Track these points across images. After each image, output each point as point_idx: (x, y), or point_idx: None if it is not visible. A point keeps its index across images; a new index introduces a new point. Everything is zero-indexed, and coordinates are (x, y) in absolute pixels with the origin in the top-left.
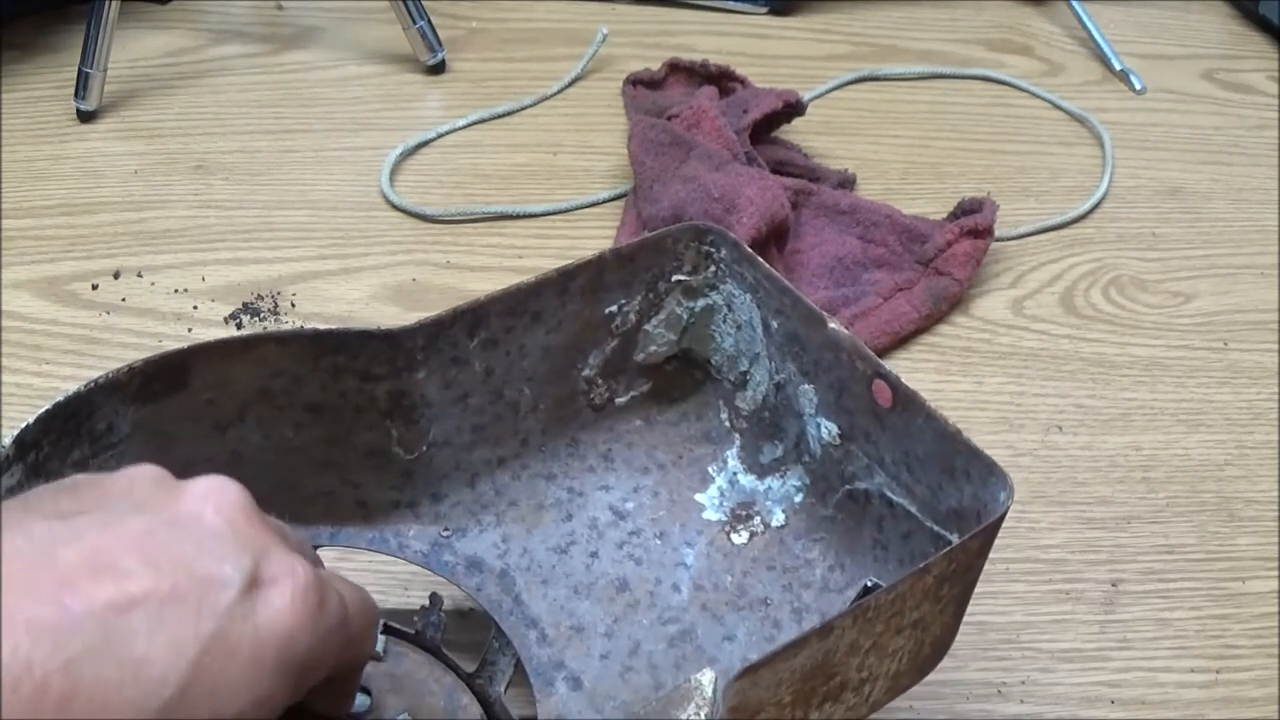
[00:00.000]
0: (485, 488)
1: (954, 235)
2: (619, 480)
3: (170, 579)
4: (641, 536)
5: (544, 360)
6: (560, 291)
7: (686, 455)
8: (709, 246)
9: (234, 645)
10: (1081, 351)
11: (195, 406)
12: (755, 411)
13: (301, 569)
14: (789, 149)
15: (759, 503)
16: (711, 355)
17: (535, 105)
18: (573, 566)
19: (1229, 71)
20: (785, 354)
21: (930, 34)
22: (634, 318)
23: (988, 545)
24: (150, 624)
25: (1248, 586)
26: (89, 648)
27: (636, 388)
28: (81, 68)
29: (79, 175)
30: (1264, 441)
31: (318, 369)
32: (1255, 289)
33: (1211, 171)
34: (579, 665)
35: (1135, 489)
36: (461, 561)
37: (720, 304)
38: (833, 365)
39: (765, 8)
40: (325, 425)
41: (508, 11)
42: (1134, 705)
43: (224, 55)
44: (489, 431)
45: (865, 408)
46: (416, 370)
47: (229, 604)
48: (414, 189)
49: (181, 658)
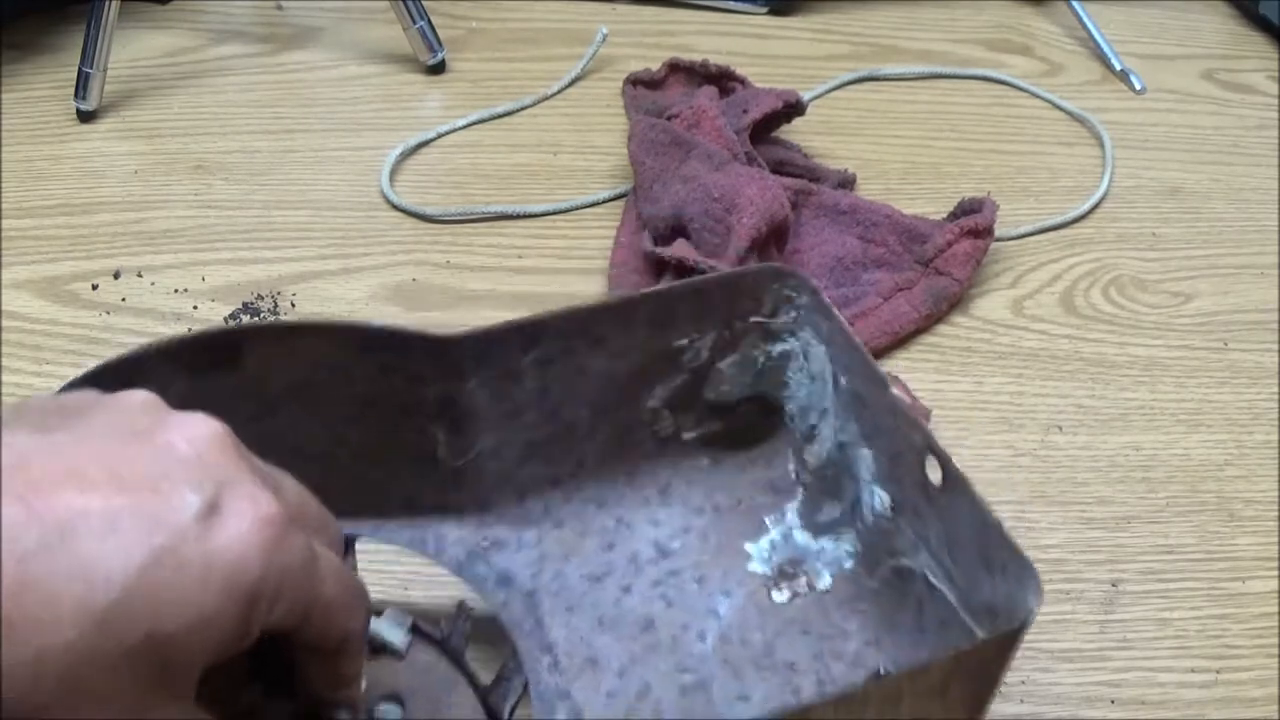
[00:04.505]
0: (534, 505)
1: (954, 235)
2: (670, 517)
3: (132, 495)
4: (679, 578)
5: (607, 386)
6: (624, 318)
7: (746, 501)
8: (790, 291)
9: (183, 561)
10: (1081, 351)
11: (244, 386)
12: (820, 468)
13: (266, 503)
14: (789, 149)
15: (809, 562)
16: (786, 403)
17: (535, 105)
18: (602, 597)
19: (1229, 71)
20: (850, 413)
21: (930, 34)
22: (706, 354)
23: (1006, 649)
24: (105, 531)
25: (1248, 586)
26: (44, 545)
27: (706, 425)
28: (81, 68)
29: (79, 175)
30: (1264, 441)
31: (364, 363)
32: (1255, 289)
33: (1211, 171)
34: (584, 698)
35: (1135, 489)
36: (494, 575)
37: (798, 351)
38: (891, 433)
39: (765, 8)
40: (374, 420)
41: (508, 11)
42: (1134, 705)
43: (224, 55)
44: (543, 450)
45: (916, 482)
46: (466, 379)
47: (184, 522)
48: (414, 189)
49: (129, 564)
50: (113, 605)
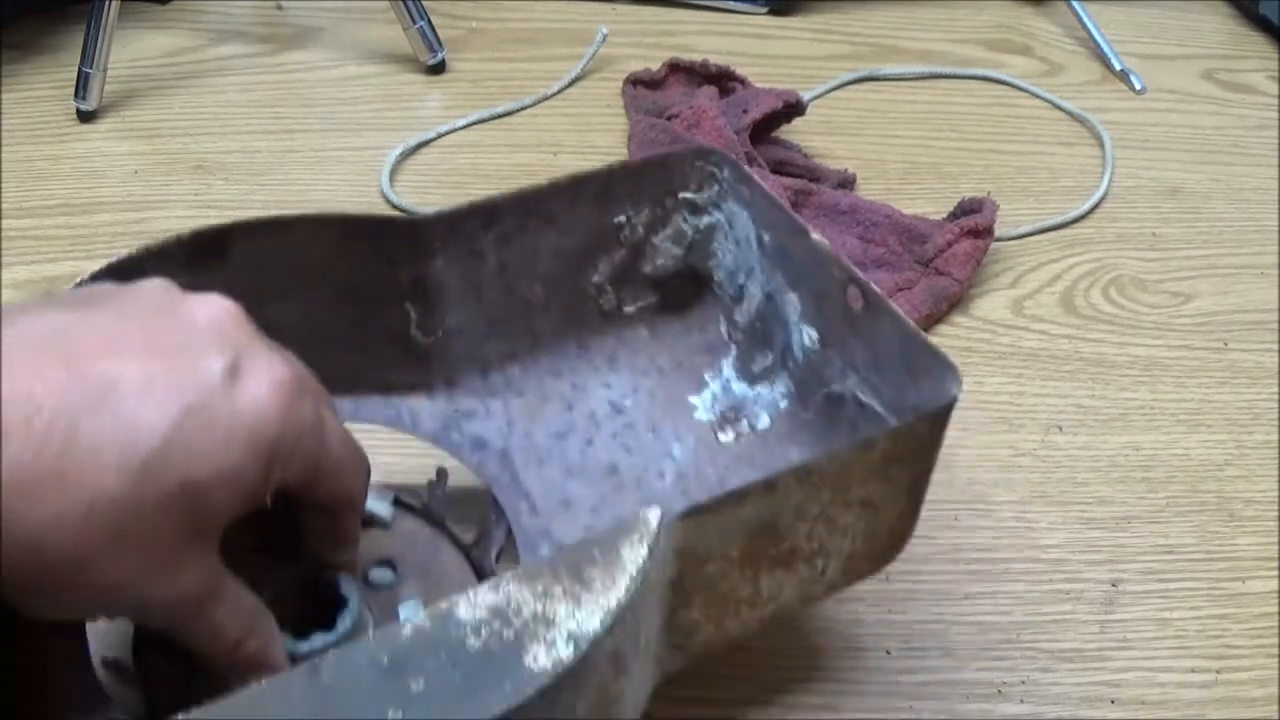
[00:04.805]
0: (496, 379)
1: (954, 235)
2: (620, 381)
3: (163, 360)
4: (635, 429)
5: (555, 262)
6: (571, 196)
7: (686, 363)
8: (712, 167)
9: (212, 417)
10: (1081, 351)
11: (237, 280)
12: (750, 323)
13: (280, 367)
14: (789, 149)
15: (747, 408)
16: (715, 272)
17: (535, 105)
18: (568, 450)
19: (1229, 71)
20: (775, 265)
21: (930, 34)
22: (642, 230)
23: (937, 433)
24: (142, 392)
25: (1248, 586)
26: (87, 405)
27: (645, 299)
28: (81, 68)
29: (79, 175)
30: (1264, 441)
31: (346, 252)
32: (1255, 289)
33: (1211, 171)
34: (563, 535)
35: (1135, 489)
36: (467, 440)
37: (722, 222)
38: (814, 274)
39: (765, 8)
40: (353, 306)
41: (508, 11)
42: (1134, 705)
43: (224, 55)
44: (502, 326)
45: (840, 314)
46: (434, 257)
47: (211, 383)
48: (414, 189)
49: (165, 419)
50: (151, 455)
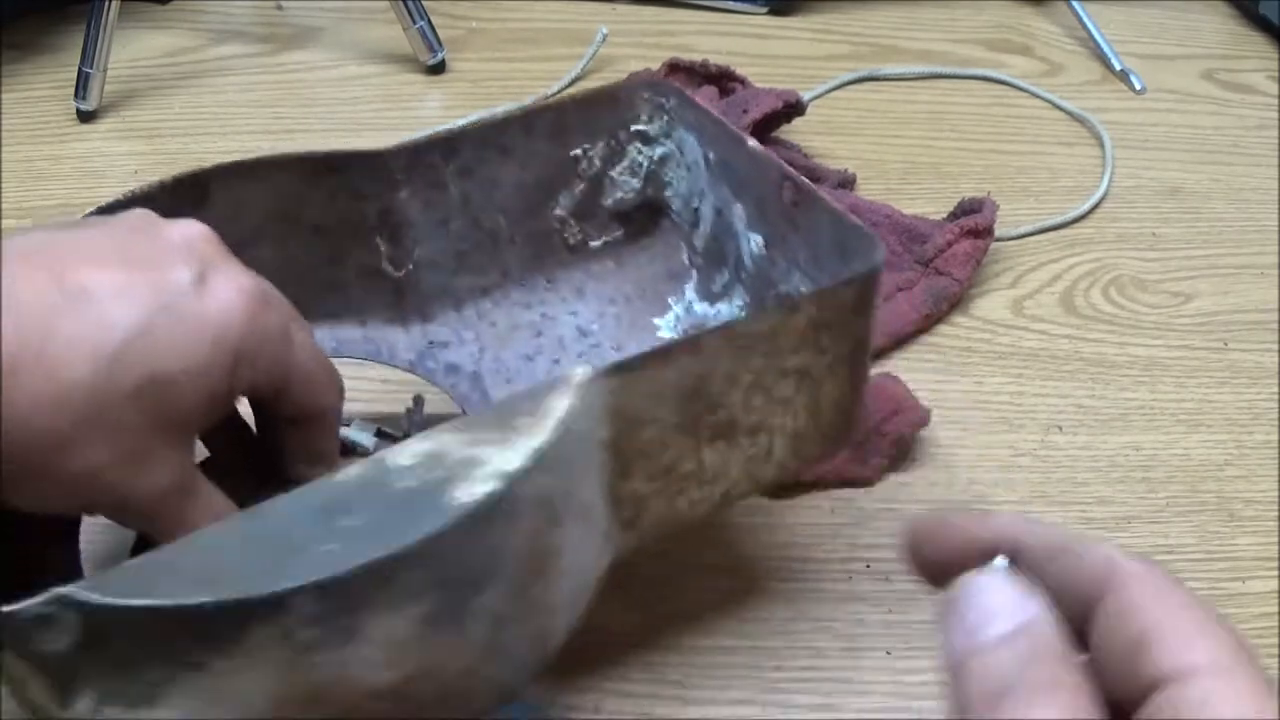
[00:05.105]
0: (469, 311)
1: (954, 235)
2: (587, 309)
3: (137, 269)
4: (601, 349)
5: (517, 194)
6: (525, 129)
7: (650, 290)
8: (660, 97)
9: (180, 316)
10: (1081, 351)
11: (218, 223)
12: (706, 245)
13: (246, 279)
14: (789, 149)
15: (709, 324)
16: (671, 201)
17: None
18: (537, 370)
19: (1229, 71)
20: (720, 179)
21: (930, 34)
22: (599, 163)
23: (864, 302)
24: (116, 295)
25: (1248, 586)
26: (67, 304)
27: (610, 233)
28: (81, 68)
29: (79, 175)
30: (1264, 441)
31: (318, 189)
32: (1255, 289)
33: (1211, 171)
34: None
35: (1135, 489)
36: (441, 368)
37: (674, 150)
38: (755, 181)
39: (765, 8)
40: (327, 245)
41: (508, 11)
42: None
43: (224, 55)
44: (472, 260)
45: (780, 214)
46: (399, 189)
47: (180, 288)
48: None
49: (136, 317)
50: (122, 347)
